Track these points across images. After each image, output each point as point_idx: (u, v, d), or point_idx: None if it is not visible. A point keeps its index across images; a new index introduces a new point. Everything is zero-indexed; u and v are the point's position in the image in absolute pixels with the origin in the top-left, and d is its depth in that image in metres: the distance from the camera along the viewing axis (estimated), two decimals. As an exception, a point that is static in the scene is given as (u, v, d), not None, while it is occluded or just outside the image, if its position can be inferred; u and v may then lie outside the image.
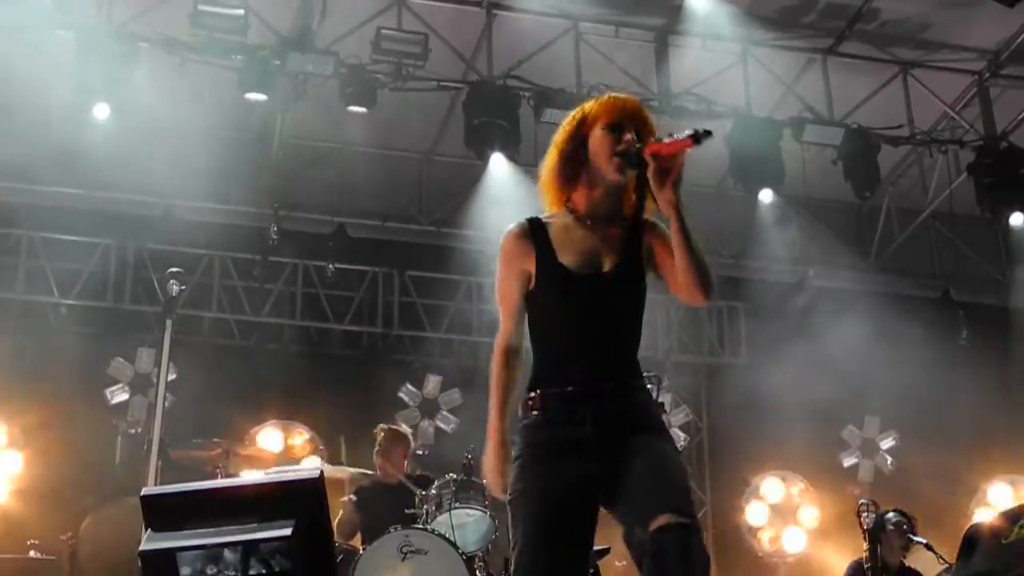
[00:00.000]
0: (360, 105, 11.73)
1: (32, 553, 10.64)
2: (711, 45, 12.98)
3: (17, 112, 12.02)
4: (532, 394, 4.23)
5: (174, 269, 7.19)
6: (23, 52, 11.02)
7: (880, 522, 9.31)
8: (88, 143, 11.73)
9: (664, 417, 7.32)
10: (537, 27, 12.52)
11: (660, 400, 7.88)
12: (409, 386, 13.83)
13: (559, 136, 4.44)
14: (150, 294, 12.84)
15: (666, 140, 4.10)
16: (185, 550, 3.59)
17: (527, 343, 4.42)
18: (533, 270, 4.32)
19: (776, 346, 13.62)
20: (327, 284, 13.90)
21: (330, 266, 13.57)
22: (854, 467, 14.68)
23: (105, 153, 11.86)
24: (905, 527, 9.45)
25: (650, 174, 4.15)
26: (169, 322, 6.98)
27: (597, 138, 4.30)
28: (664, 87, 12.89)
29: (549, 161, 4.45)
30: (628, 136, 4.25)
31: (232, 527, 3.60)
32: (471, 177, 12.97)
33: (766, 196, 13.32)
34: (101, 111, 11.19)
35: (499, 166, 12.53)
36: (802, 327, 13.31)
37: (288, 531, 3.48)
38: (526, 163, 12.58)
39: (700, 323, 15.36)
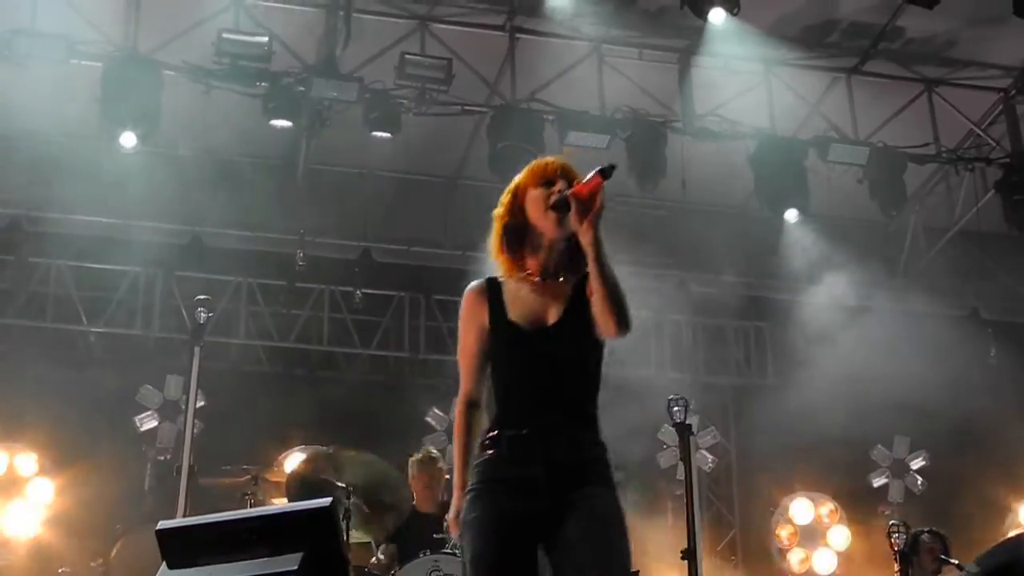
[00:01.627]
0: (384, 130, 11.76)
1: (63, 580, 10.70)
2: (734, 66, 12.97)
3: (44, 142, 12.13)
4: (489, 436, 4.44)
5: (201, 296, 7.22)
6: (49, 82, 11.12)
7: (912, 543, 9.25)
8: (115, 172, 11.81)
9: (692, 439, 7.33)
10: (560, 50, 12.55)
11: (688, 422, 7.87)
12: (436, 410, 13.81)
13: (498, 210, 4.68)
14: (178, 321, 12.91)
15: (583, 184, 4.35)
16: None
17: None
18: (488, 321, 4.54)
19: (803, 366, 13.57)
20: (353, 309, 13.93)
21: (357, 292, 13.59)
22: (884, 487, 14.59)
23: (132, 182, 11.94)
24: (937, 548, 9.39)
25: (573, 216, 4.37)
26: (197, 349, 7.00)
27: (532, 199, 4.56)
28: (688, 108, 12.88)
29: (494, 235, 4.69)
30: (557, 186, 4.50)
31: (242, 561, 3.59)
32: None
33: (791, 216, 13.30)
34: (128, 139, 11.24)
35: (524, 189, 12.51)
36: (829, 347, 13.25)
37: (295, 565, 3.46)
38: (551, 186, 12.60)
39: (726, 344, 15.34)
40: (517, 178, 4.68)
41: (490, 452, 4.41)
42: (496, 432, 4.42)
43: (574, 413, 4.52)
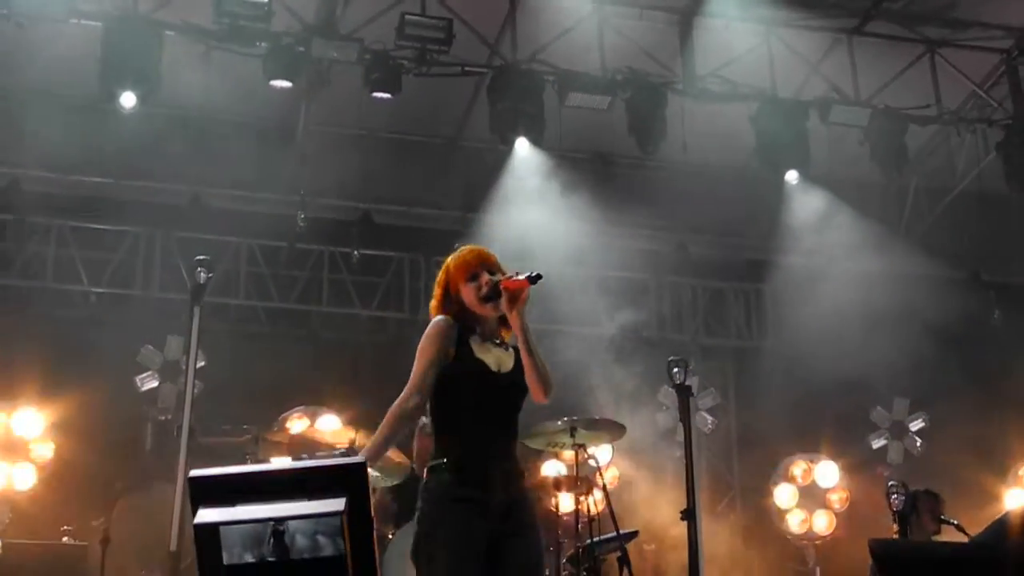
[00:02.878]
0: (385, 91, 11.73)
1: (65, 539, 10.75)
2: (735, 26, 12.92)
3: (44, 102, 12.10)
4: (450, 458, 5.25)
5: (201, 257, 7.21)
6: (49, 42, 11.08)
7: (910, 503, 9.27)
8: (115, 132, 11.78)
9: (691, 401, 7.37)
10: (561, 10, 12.49)
11: (687, 384, 7.89)
12: (436, 371, 13.84)
13: (436, 290, 5.57)
14: (178, 282, 12.90)
15: (513, 277, 5.33)
16: (238, 523, 3.61)
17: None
18: (453, 354, 5.33)
19: (803, 328, 13.58)
20: (353, 270, 13.94)
21: (355, 252, 13.60)
22: (883, 449, 14.62)
23: (132, 142, 11.92)
24: (937, 508, 9.43)
25: (503, 301, 5.34)
26: (197, 309, 7.00)
27: (466, 292, 5.45)
28: (689, 69, 12.85)
29: (436, 306, 5.56)
30: (483, 279, 5.43)
31: (284, 503, 3.64)
32: (496, 162, 12.96)
33: (792, 177, 13.30)
34: (128, 99, 11.21)
35: (524, 150, 12.53)
36: (829, 309, 13.25)
37: (341, 506, 3.55)
38: (551, 147, 12.62)
39: (727, 306, 15.35)
40: (445, 272, 5.55)
41: (447, 475, 5.21)
42: (458, 456, 5.22)
43: (514, 447, 5.42)
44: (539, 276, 5.27)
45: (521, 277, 5.31)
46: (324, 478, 3.69)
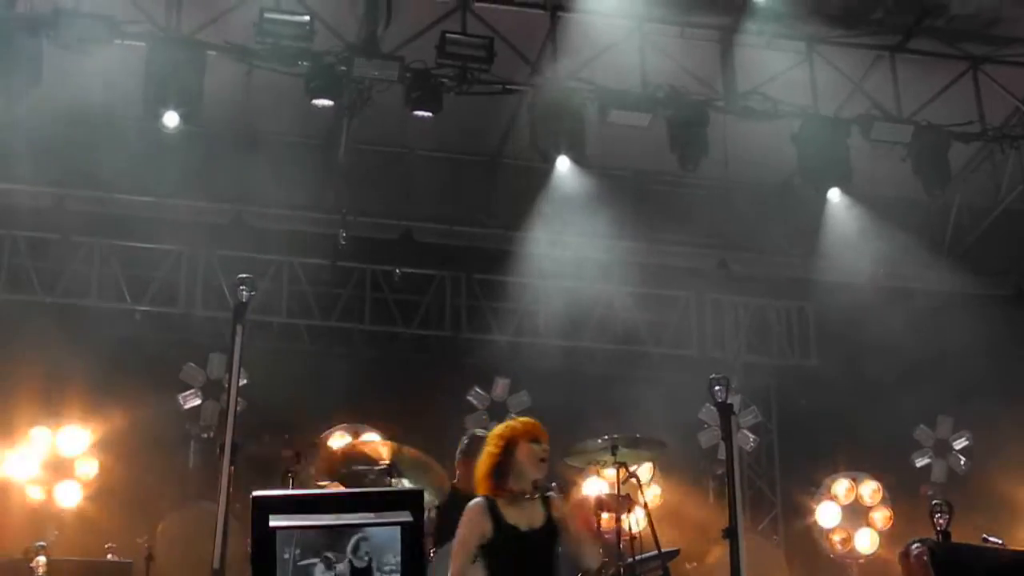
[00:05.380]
0: (426, 109, 11.76)
1: (109, 556, 10.81)
2: (776, 44, 12.89)
3: (88, 122, 12.20)
4: None
5: (243, 275, 7.22)
6: (94, 63, 11.18)
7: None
8: (158, 152, 11.88)
9: (733, 419, 7.36)
10: (601, 28, 12.48)
11: (729, 402, 7.84)
12: (477, 389, 13.86)
13: (493, 451, 6.48)
14: (220, 300, 12.98)
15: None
16: (306, 528, 3.68)
17: None
18: (490, 530, 6.18)
19: (846, 346, 13.51)
20: (395, 288, 13.99)
21: (397, 271, 13.65)
22: (927, 467, 14.52)
23: (175, 161, 12.01)
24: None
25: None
26: (240, 327, 7.01)
27: (525, 449, 6.41)
28: (730, 87, 12.82)
29: (486, 467, 6.47)
30: (544, 445, 6.47)
31: (351, 515, 3.72)
32: (538, 179, 12.97)
33: (835, 195, 13.25)
34: (171, 119, 11.30)
35: (565, 168, 12.54)
36: (872, 327, 13.18)
37: (407, 518, 3.64)
38: (593, 164, 12.61)
39: (769, 324, 15.28)
40: (509, 431, 6.51)
41: None
42: None
43: None
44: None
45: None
46: (386, 499, 3.76)
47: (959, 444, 14.45)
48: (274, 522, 3.65)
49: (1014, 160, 13.78)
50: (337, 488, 8.51)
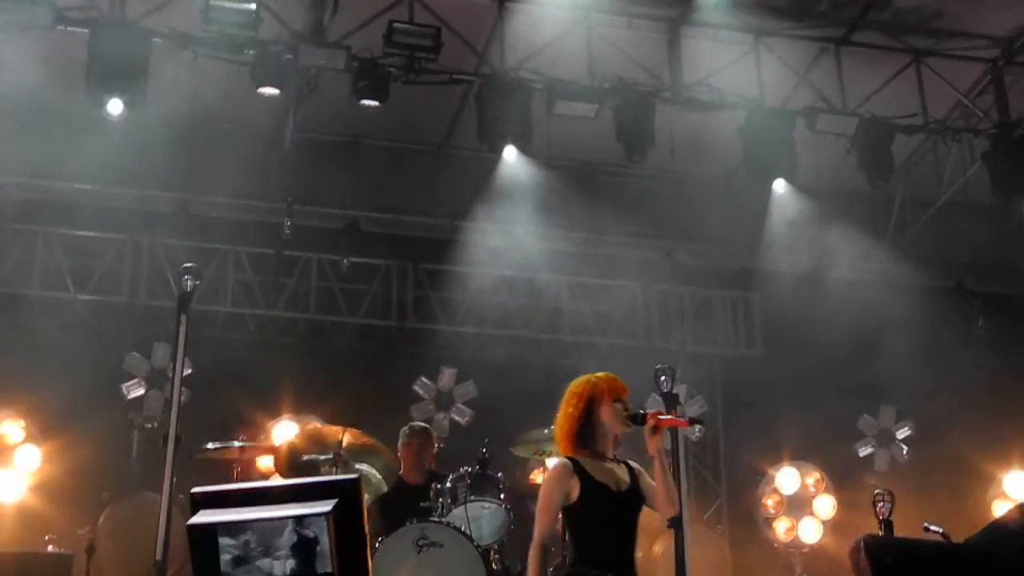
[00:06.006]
0: (372, 99, 11.71)
1: (50, 547, 10.71)
2: (723, 35, 12.95)
3: (32, 109, 12.07)
4: (577, 568, 5.99)
5: (188, 264, 7.19)
6: (37, 49, 11.05)
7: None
8: (102, 139, 11.76)
9: (679, 409, 7.40)
10: (549, 19, 12.48)
11: (674, 392, 7.89)
12: (424, 379, 13.85)
13: (574, 402, 6.29)
14: (165, 289, 12.89)
15: (669, 415, 6.20)
16: (229, 524, 3.64)
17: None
18: (576, 489, 6.04)
19: (791, 336, 13.60)
20: (341, 278, 13.96)
21: (344, 260, 13.61)
22: (870, 457, 14.66)
23: (119, 149, 11.89)
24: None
25: (647, 430, 6.09)
26: (184, 317, 6.98)
27: (607, 409, 6.23)
28: (676, 78, 12.86)
29: (567, 426, 6.28)
30: (624, 406, 6.27)
31: (275, 507, 3.68)
32: (485, 169, 12.97)
33: (779, 186, 13.34)
34: (115, 106, 11.18)
35: (512, 158, 12.55)
36: (816, 317, 13.28)
37: (329, 507, 3.58)
38: (539, 155, 12.62)
39: (714, 314, 15.37)
40: (592, 387, 6.28)
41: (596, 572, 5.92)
42: (584, 566, 5.95)
43: (634, 554, 6.13)
44: (700, 422, 6.75)
45: (682, 418, 6.23)
46: (317, 489, 3.72)
47: (902, 433, 14.59)
48: (201, 518, 3.63)
49: (956, 153, 13.92)
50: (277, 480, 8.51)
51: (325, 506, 3.58)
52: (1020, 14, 12.86)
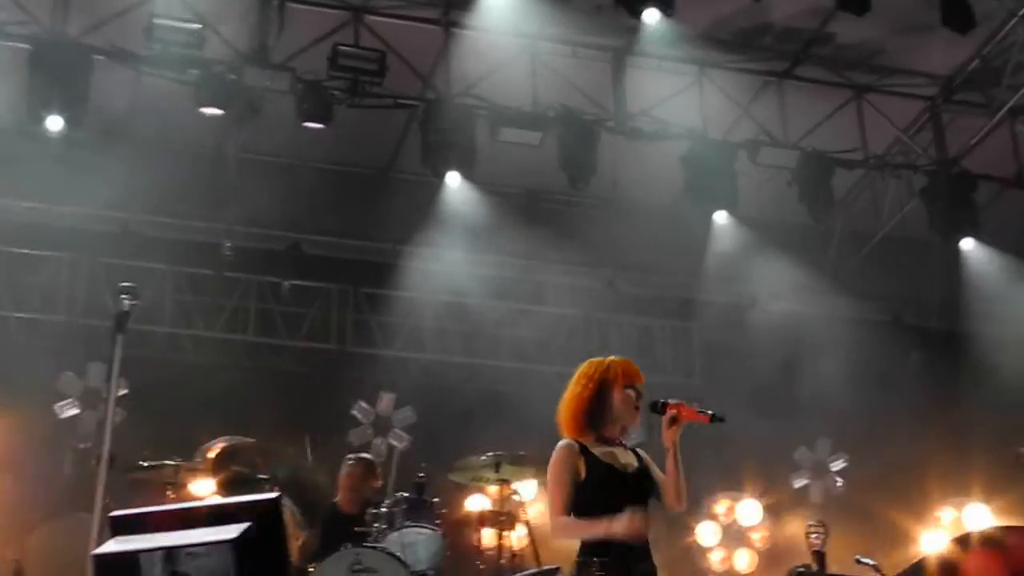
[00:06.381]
0: (316, 121, 11.70)
1: (-23, 570, 10.53)
2: (667, 66, 13.05)
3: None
4: (597, 544, 5.60)
5: (125, 284, 7.12)
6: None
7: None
8: (42, 156, 11.65)
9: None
10: (494, 46, 12.53)
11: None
12: (362, 403, 13.76)
13: (582, 392, 5.98)
14: (102, 309, 12.75)
15: (692, 407, 5.98)
16: (142, 551, 3.57)
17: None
18: (583, 470, 5.76)
19: (729, 367, 13.66)
20: (281, 300, 13.89)
21: (285, 283, 13.55)
22: (805, 488, 14.73)
23: (58, 166, 11.78)
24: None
25: (665, 420, 5.97)
26: (119, 337, 6.91)
27: (619, 395, 5.94)
28: (620, 107, 12.94)
29: (574, 408, 5.96)
30: (637, 392, 5.99)
31: (186, 532, 3.60)
32: (428, 194, 12.97)
33: (721, 217, 13.43)
34: (55, 124, 11.08)
35: (456, 184, 12.56)
36: (756, 348, 13.35)
37: (236, 534, 3.48)
38: (482, 181, 12.64)
39: (652, 343, 15.40)
40: (603, 372, 6.01)
41: (602, 559, 5.56)
42: (602, 545, 5.57)
43: (647, 540, 5.82)
44: (723, 419, 5.95)
45: (704, 412, 5.96)
46: (234, 511, 3.65)
47: (836, 466, 14.67)
48: (110, 546, 3.57)
49: (895, 188, 14.10)
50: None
51: (230, 533, 3.49)
52: (959, 53, 13.07)
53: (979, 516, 13.76)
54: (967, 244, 13.74)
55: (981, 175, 13.57)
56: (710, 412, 5.87)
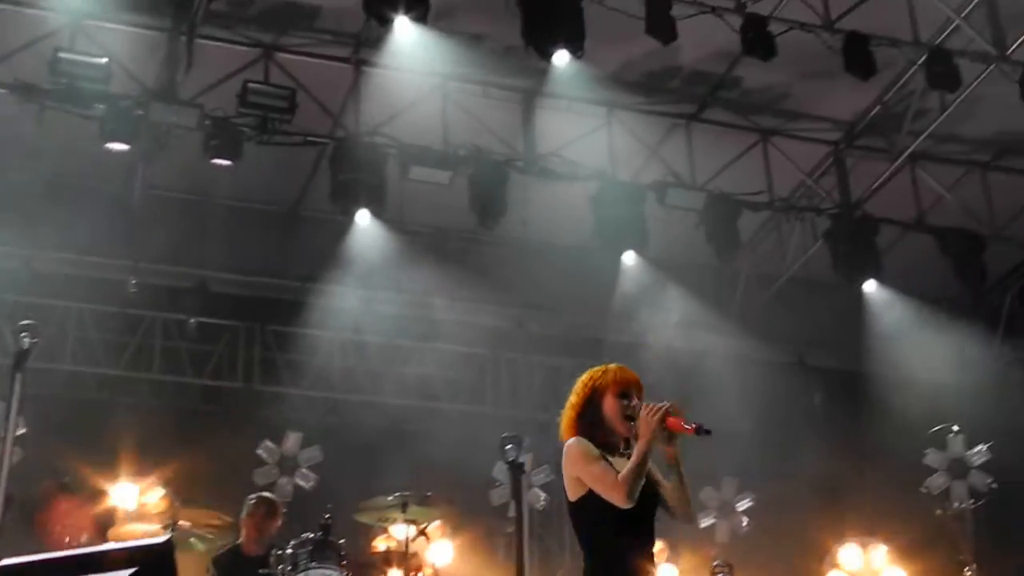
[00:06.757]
0: (225, 158, 11.61)
1: None
2: (577, 107, 13.14)
3: None
4: (611, 552, 5.48)
5: (25, 321, 6.99)
6: None
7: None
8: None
9: (524, 478, 7.40)
10: (405, 84, 12.53)
11: (520, 461, 7.91)
12: (268, 442, 13.60)
13: (579, 391, 5.82)
14: (2, 346, 12.50)
15: (681, 421, 5.56)
16: None
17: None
18: None
19: (637, 407, 13.69)
20: (186, 338, 13.73)
21: (190, 320, 13.40)
22: (711, 528, 14.80)
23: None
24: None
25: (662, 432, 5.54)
26: (19, 375, 6.78)
27: (610, 403, 5.70)
28: (530, 148, 13.01)
29: (570, 419, 5.81)
30: (635, 402, 5.69)
31: None
32: (337, 232, 12.92)
33: (629, 258, 13.52)
34: (-44, 157, 10.90)
35: (365, 222, 12.53)
36: (663, 389, 13.40)
37: None
38: (392, 220, 12.62)
39: (562, 383, 15.37)
40: (597, 377, 5.83)
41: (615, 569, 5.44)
42: (616, 551, 5.46)
43: (653, 555, 5.68)
44: (709, 432, 5.56)
45: (690, 426, 5.56)
46: (124, 558, 3.56)
47: (742, 505, 14.77)
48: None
49: (799, 231, 14.30)
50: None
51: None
52: (861, 99, 13.31)
53: (880, 555, 13.93)
54: (869, 286, 13.97)
55: (883, 219, 13.82)
56: (696, 424, 5.56)
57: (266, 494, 10.15)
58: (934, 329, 14.23)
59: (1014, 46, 12.23)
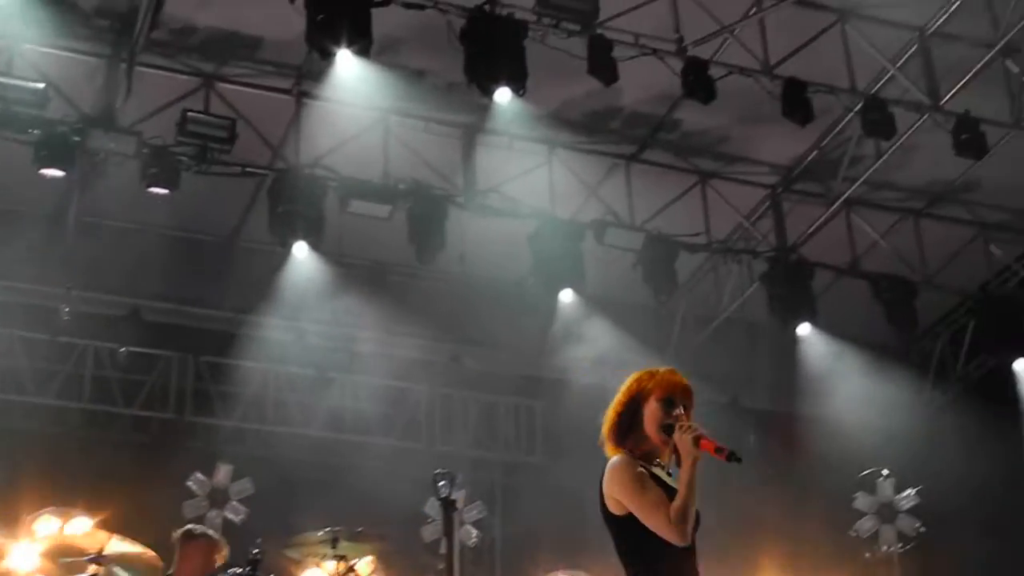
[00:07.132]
0: (162, 187, 11.51)
1: None
2: (518, 145, 13.19)
3: None
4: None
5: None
6: None
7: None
8: None
9: (456, 515, 7.35)
10: (346, 117, 12.51)
11: (452, 498, 7.88)
12: (198, 474, 13.44)
13: (617, 404, 5.33)
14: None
15: (714, 444, 4.99)
16: None
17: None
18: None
19: (572, 445, 13.69)
20: (117, 367, 13.56)
21: (122, 349, 13.24)
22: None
23: None
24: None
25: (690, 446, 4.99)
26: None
27: (651, 408, 5.18)
28: (470, 184, 13.02)
29: (611, 418, 5.34)
30: (676, 412, 5.12)
31: None
32: (274, 264, 12.84)
33: (567, 296, 13.53)
34: None
35: (302, 254, 12.47)
36: (598, 427, 13.42)
37: None
38: (330, 252, 12.58)
39: (497, 420, 15.40)
40: (642, 382, 5.32)
41: None
42: (664, 564, 5.06)
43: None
44: (740, 460, 5.09)
45: (722, 450, 5.06)
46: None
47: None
48: None
49: (736, 273, 14.40)
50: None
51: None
52: (799, 144, 13.47)
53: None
54: (804, 329, 14.08)
55: (818, 263, 13.95)
56: (728, 449, 5.08)
57: (196, 527, 9.95)
58: (866, 373, 14.36)
59: (947, 96, 12.40)
